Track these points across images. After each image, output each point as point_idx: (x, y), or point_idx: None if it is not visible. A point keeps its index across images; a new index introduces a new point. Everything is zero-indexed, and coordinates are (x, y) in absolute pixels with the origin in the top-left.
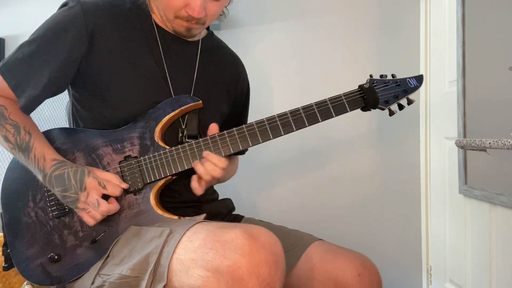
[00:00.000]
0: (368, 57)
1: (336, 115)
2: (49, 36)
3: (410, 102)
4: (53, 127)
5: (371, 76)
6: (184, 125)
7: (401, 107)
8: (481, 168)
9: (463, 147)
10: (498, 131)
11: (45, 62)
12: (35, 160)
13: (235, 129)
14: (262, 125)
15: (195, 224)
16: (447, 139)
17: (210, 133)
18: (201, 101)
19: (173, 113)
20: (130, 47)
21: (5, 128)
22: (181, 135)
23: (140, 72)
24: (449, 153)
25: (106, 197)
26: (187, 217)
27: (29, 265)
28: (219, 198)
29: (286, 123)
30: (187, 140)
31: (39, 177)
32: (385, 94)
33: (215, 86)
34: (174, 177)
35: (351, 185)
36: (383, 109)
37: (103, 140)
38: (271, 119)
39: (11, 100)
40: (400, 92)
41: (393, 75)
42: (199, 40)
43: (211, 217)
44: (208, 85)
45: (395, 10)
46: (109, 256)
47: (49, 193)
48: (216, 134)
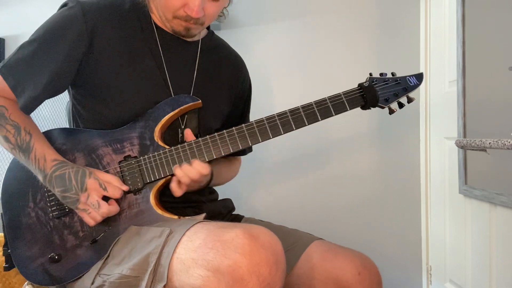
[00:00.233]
0: (368, 57)
1: (335, 114)
2: (49, 37)
3: (410, 100)
4: (53, 127)
5: (370, 74)
6: (184, 124)
7: (401, 105)
8: (481, 168)
9: (463, 147)
10: (498, 131)
11: (45, 62)
12: (36, 160)
13: (234, 128)
14: (261, 124)
15: (195, 224)
16: (447, 139)
17: (187, 140)
18: (200, 101)
19: (172, 113)
20: (129, 47)
21: (5, 128)
22: (181, 135)
23: (139, 72)
24: (449, 153)
25: (106, 198)
26: (187, 217)
27: (30, 265)
28: (219, 198)
29: (286, 122)
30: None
31: (40, 178)
32: (385, 92)
33: (215, 85)
34: (173, 177)
35: (351, 184)
36: (383, 108)
37: (103, 140)
38: (270, 118)
39: (11, 100)
40: (400, 90)
41: (392, 73)
42: (199, 40)
43: (211, 217)
44: (208, 84)
45: (395, 10)
46: (109, 256)
47: (49, 193)
48: (216, 134)
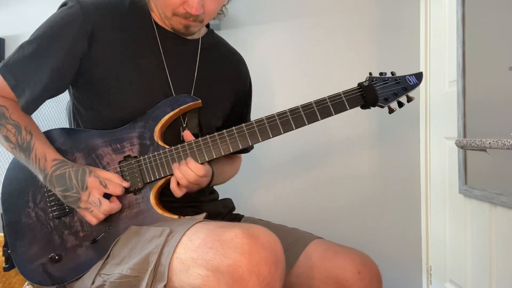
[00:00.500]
0: (368, 57)
1: (335, 113)
2: (49, 36)
3: (409, 100)
4: (54, 127)
5: (370, 73)
6: (184, 124)
7: (400, 104)
8: (481, 168)
9: (463, 147)
10: (498, 131)
11: (45, 61)
12: (36, 160)
13: (234, 128)
14: (261, 124)
15: (195, 223)
16: (447, 139)
17: (186, 140)
18: (200, 101)
19: (172, 113)
20: (129, 46)
21: (6, 128)
22: (182, 133)
23: (140, 71)
24: (449, 153)
25: (107, 196)
26: (187, 217)
27: (30, 265)
28: (219, 198)
29: (286, 121)
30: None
31: (40, 177)
32: (384, 91)
33: (215, 84)
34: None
35: (351, 184)
36: (382, 107)
37: (103, 140)
38: (270, 118)
39: (12, 100)
40: (400, 90)
41: (392, 73)
42: (199, 38)
43: (211, 216)
44: (208, 83)
45: (395, 10)
46: (109, 256)
47: (49, 193)
48: (216, 134)
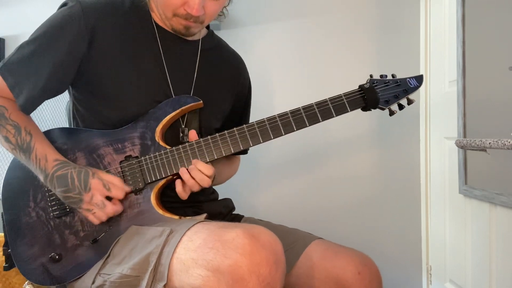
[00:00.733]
0: (368, 57)
1: (336, 115)
2: (49, 36)
3: (410, 102)
4: (54, 127)
5: (371, 76)
6: (185, 124)
7: (401, 107)
8: (481, 168)
9: (463, 147)
10: (498, 131)
11: (44, 62)
12: (37, 160)
13: (235, 129)
14: (262, 125)
15: (195, 223)
16: (447, 139)
17: (190, 141)
18: (201, 101)
19: (173, 113)
20: (130, 46)
21: (5, 128)
22: (182, 135)
23: (140, 72)
24: (449, 153)
25: (108, 198)
26: (188, 217)
27: (30, 265)
28: (219, 198)
29: (287, 123)
30: (188, 140)
31: (41, 178)
32: (385, 94)
33: (215, 85)
34: (174, 177)
35: (351, 185)
36: (383, 109)
37: (104, 140)
38: (271, 119)
39: (11, 100)
40: (400, 92)
41: (393, 75)
42: (199, 39)
43: (211, 217)
44: (208, 84)
45: (395, 10)
46: (109, 255)
47: (50, 193)
48: (217, 134)
